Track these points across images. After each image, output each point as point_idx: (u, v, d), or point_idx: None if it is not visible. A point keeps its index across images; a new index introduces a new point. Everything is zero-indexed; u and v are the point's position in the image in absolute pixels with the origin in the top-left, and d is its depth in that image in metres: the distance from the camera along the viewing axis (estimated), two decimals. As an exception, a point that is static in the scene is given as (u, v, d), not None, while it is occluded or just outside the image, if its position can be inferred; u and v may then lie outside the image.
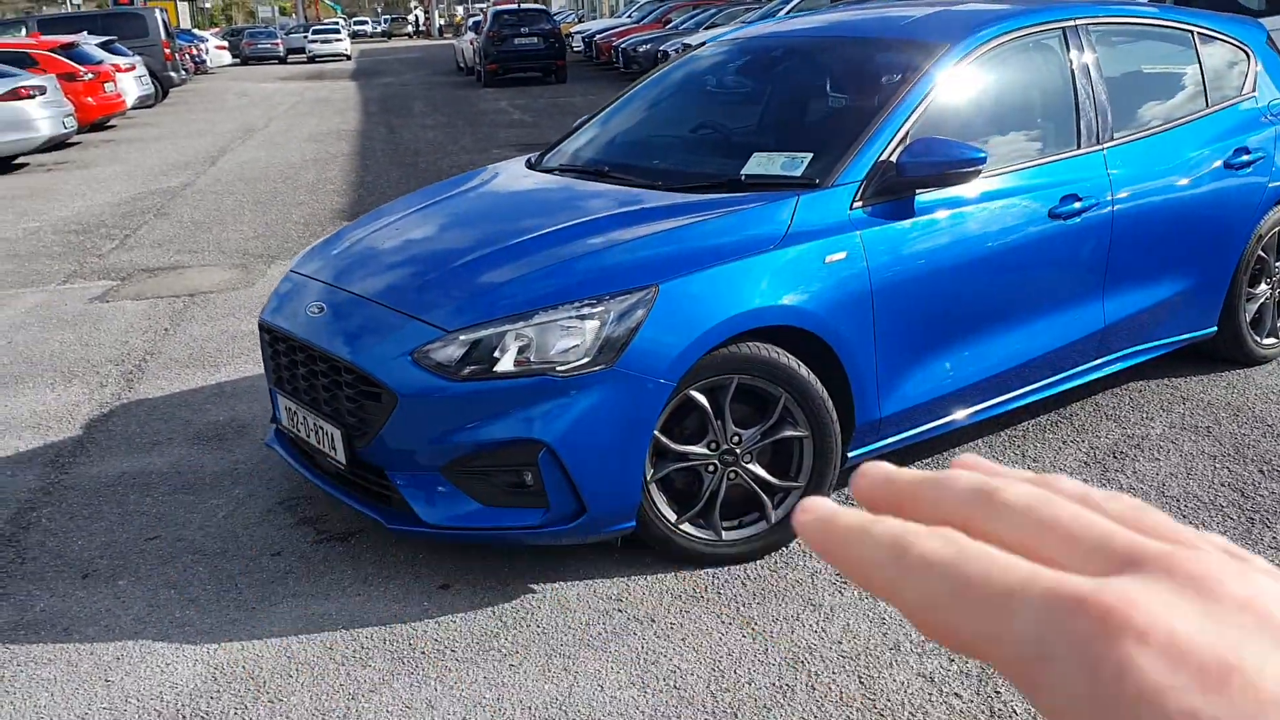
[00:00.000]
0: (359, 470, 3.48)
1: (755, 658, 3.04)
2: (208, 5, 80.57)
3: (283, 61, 48.58)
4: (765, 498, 3.52)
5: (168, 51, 26.09)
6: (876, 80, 4.04)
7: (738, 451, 3.46)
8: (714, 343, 3.29)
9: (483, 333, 3.23)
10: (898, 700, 2.84)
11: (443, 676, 3.00)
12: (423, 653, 3.12)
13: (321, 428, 3.54)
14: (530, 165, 4.61)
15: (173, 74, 26.06)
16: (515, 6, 31.71)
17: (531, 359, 3.19)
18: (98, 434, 4.85)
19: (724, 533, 3.51)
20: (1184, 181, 4.48)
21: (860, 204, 3.63)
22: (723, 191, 3.77)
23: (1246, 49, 4.95)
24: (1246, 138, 4.71)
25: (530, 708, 2.87)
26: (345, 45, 48.44)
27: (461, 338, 3.23)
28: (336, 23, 67.22)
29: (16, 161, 15.86)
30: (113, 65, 19.25)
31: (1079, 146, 4.22)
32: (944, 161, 3.63)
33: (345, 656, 3.12)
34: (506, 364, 3.19)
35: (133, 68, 20.91)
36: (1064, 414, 4.59)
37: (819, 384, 3.49)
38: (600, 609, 3.31)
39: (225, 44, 46.78)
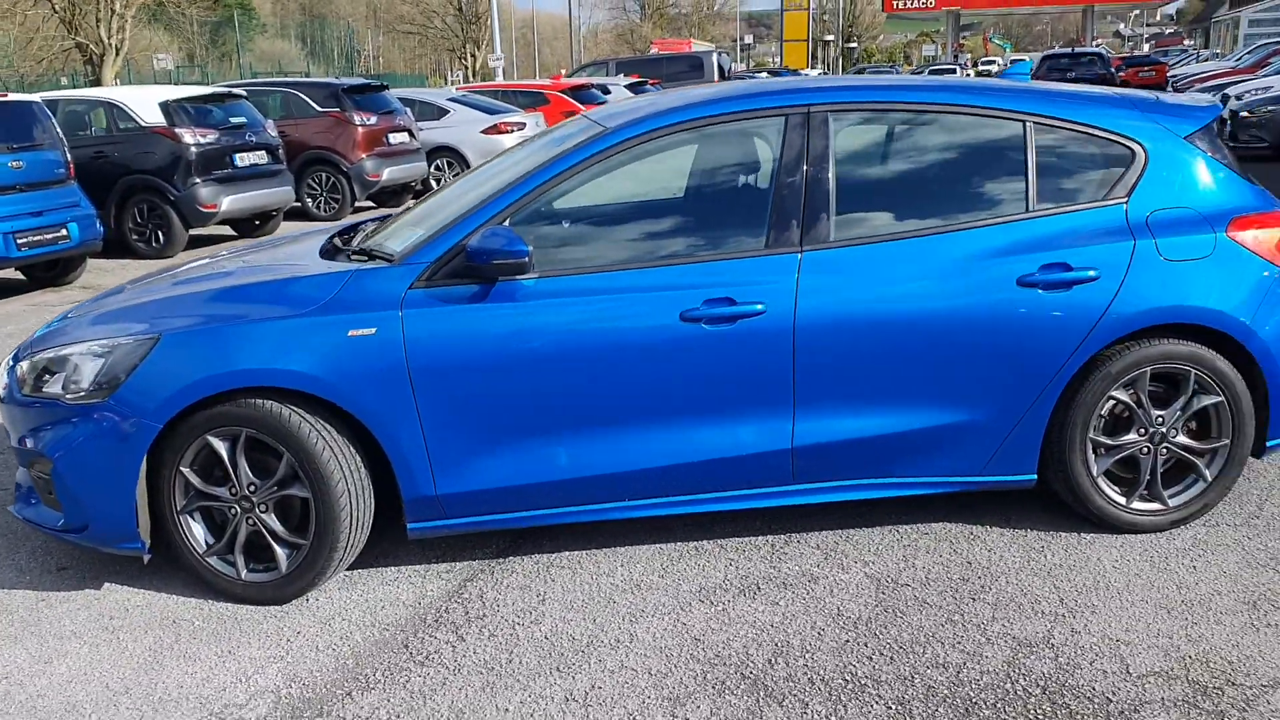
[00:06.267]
0: None
1: (103, 692, 3.37)
2: (853, 46, 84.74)
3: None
4: (276, 547, 3.76)
5: (718, 90, 28.43)
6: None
7: (254, 500, 3.73)
8: (203, 393, 3.60)
9: (37, 357, 3.86)
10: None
11: (-72, 631, 3.70)
12: (-48, 612, 3.83)
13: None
14: None
15: (718, 111, 28.28)
16: (1070, 50, 30.17)
17: (70, 386, 3.74)
18: None
19: (244, 573, 3.80)
20: (937, 297, 3.80)
21: (424, 284, 3.70)
22: (368, 262, 4.00)
23: (1135, 145, 3.99)
24: (1073, 252, 3.84)
25: (-71, 669, 3.47)
26: None
27: (32, 359, 3.88)
28: (992, 60, 68.31)
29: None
30: (620, 104, 21.56)
31: (768, 247, 3.81)
32: (489, 251, 3.59)
33: (-92, 606, 3.91)
34: (54, 387, 3.78)
35: (646, 106, 23.19)
36: (783, 540, 4.10)
37: (329, 448, 3.64)
38: (100, 611, 3.79)
39: (827, 81, 49.74)
